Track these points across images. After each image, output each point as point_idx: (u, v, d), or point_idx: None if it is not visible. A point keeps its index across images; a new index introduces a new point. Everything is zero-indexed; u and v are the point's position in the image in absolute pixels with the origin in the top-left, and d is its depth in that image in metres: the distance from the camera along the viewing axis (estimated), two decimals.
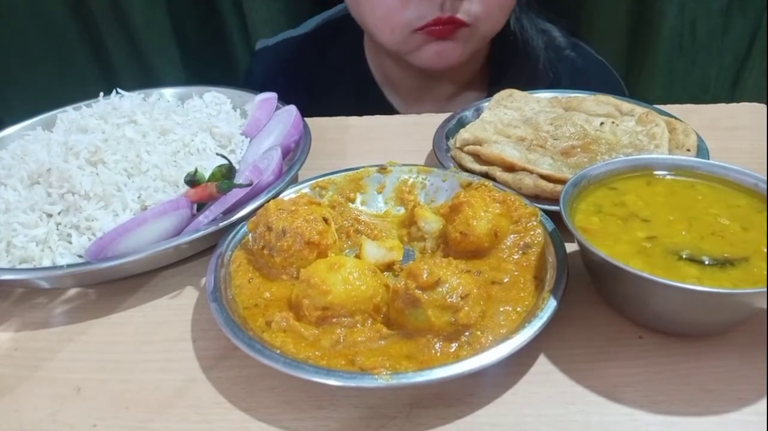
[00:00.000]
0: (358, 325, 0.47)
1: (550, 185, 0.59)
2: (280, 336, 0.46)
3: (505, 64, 0.98)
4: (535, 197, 0.59)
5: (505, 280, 0.51)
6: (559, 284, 0.48)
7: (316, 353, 0.45)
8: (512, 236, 0.54)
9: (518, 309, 0.48)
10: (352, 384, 0.42)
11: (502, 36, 0.93)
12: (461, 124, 0.74)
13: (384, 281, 0.49)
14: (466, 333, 0.45)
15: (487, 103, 0.77)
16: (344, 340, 0.46)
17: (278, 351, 0.44)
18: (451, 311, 0.45)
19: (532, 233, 0.54)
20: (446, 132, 0.73)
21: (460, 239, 0.53)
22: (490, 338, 0.45)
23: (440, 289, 0.45)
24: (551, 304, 0.46)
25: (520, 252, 0.53)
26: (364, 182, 0.64)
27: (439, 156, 0.68)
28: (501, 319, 0.47)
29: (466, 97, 1.01)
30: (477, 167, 0.65)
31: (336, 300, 0.46)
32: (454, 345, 0.45)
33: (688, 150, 0.65)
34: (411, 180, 0.64)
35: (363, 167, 0.65)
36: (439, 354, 0.44)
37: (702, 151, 0.65)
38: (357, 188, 0.64)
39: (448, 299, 0.45)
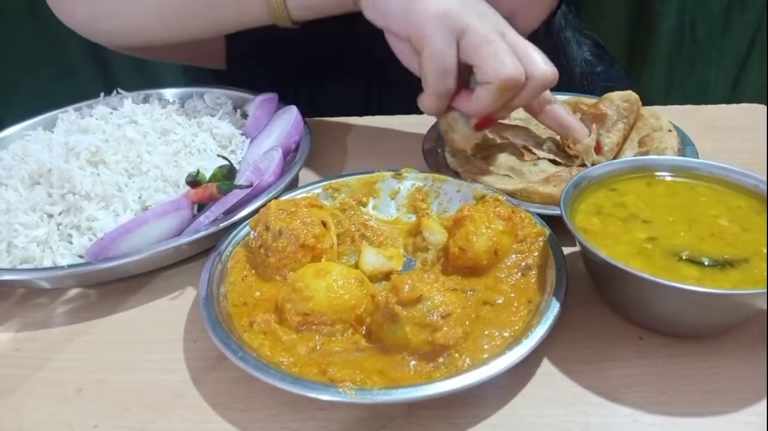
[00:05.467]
0: (337, 335, 0.46)
1: None
2: (259, 337, 0.46)
3: None
4: None
5: (499, 301, 0.48)
6: (558, 289, 0.47)
7: (290, 359, 0.44)
8: (514, 255, 0.52)
9: (505, 334, 0.45)
10: (313, 395, 0.41)
11: (541, 44, 0.91)
12: None
13: (371, 292, 0.48)
14: (445, 354, 0.44)
15: None
16: (320, 348, 0.45)
17: (254, 354, 0.44)
18: (429, 330, 0.43)
19: (536, 254, 0.51)
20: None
21: (458, 254, 0.51)
22: (468, 361, 0.43)
23: (421, 306, 0.43)
24: (543, 329, 0.44)
25: (520, 274, 0.51)
26: (378, 186, 0.63)
27: (429, 162, 0.67)
28: (484, 342, 0.44)
29: None
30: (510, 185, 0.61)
31: (317, 307, 0.46)
32: (431, 365, 0.43)
33: (670, 131, 0.64)
34: (425, 188, 0.62)
35: (378, 170, 0.63)
36: (412, 373, 0.43)
37: (680, 131, 0.66)
38: (370, 192, 0.63)
39: (428, 318, 0.43)
